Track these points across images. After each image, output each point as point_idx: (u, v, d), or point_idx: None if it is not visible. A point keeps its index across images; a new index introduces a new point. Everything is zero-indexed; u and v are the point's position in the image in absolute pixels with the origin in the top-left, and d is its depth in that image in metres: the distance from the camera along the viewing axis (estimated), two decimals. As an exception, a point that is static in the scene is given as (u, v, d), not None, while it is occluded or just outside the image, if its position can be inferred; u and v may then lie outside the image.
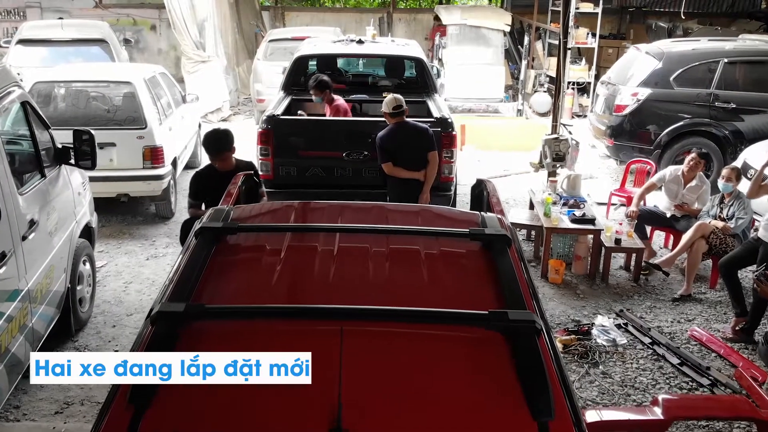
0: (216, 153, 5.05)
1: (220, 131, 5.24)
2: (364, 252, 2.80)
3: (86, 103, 7.31)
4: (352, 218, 3.11)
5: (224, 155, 5.02)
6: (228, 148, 5.05)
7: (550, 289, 6.35)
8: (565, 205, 6.80)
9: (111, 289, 6.22)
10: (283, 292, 2.56)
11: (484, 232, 2.80)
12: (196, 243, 2.76)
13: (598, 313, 5.90)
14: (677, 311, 6.04)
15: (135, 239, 7.24)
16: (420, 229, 2.85)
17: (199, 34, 12.48)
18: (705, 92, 8.66)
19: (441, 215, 3.25)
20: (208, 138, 5.13)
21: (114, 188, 7.25)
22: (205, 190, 5.09)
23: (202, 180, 5.16)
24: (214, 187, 5.02)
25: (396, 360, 2.19)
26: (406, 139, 5.99)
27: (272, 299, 2.45)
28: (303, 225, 2.89)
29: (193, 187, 5.20)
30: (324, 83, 6.95)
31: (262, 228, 2.87)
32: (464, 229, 2.82)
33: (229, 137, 5.13)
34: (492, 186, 4.57)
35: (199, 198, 5.16)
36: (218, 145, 5.05)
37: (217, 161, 5.05)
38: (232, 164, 5.08)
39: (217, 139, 5.11)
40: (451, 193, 6.50)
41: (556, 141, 7.13)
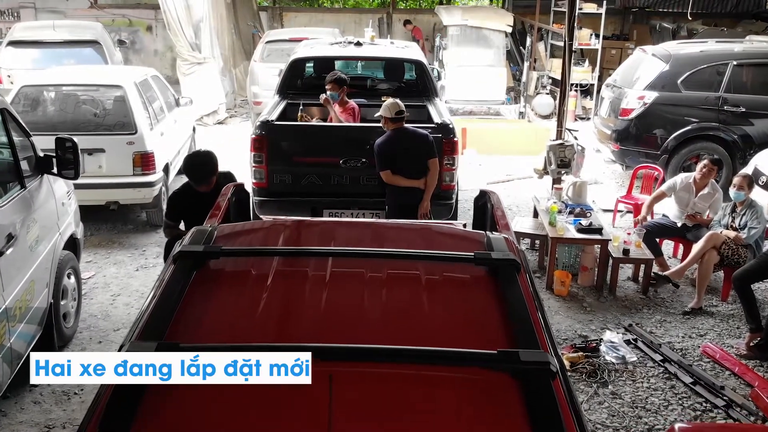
0: (199, 181, 4.76)
1: (202, 155, 4.91)
2: (359, 278, 2.56)
3: (75, 107, 7.06)
4: (347, 238, 2.86)
5: (209, 181, 4.74)
6: (212, 174, 4.76)
7: (556, 301, 6.10)
8: (571, 213, 6.55)
9: (98, 302, 5.97)
10: (269, 327, 2.31)
11: (490, 257, 2.56)
12: (173, 269, 2.52)
13: (606, 328, 5.66)
14: (688, 325, 5.79)
15: (125, 248, 6.99)
16: (420, 254, 2.60)
17: (195, 35, 12.22)
18: (713, 96, 8.41)
19: (443, 234, 3.00)
20: (191, 164, 4.81)
21: (103, 196, 7.01)
22: (183, 211, 4.84)
23: (180, 200, 4.88)
24: (193, 208, 4.76)
25: (393, 407, 1.95)
26: (405, 146, 5.75)
27: (256, 335, 2.21)
28: (292, 249, 2.64)
29: (171, 208, 4.92)
30: (342, 79, 6.69)
31: (246, 252, 2.62)
32: (468, 253, 2.57)
33: (213, 162, 4.84)
34: (496, 198, 4.34)
35: (177, 219, 4.91)
36: (203, 172, 4.76)
37: (201, 187, 4.76)
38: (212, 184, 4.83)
39: (202, 165, 4.79)
40: (452, 201, 6.26)
41: (561, 147, 6.88)
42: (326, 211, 6.18)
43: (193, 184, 4.80)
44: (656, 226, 6.49)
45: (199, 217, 4.71)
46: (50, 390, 4.75)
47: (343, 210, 6.18)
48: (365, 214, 6.20)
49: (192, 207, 4.77)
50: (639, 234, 6.34)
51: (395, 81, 8.13)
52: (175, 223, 4.90)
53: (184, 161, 4.89)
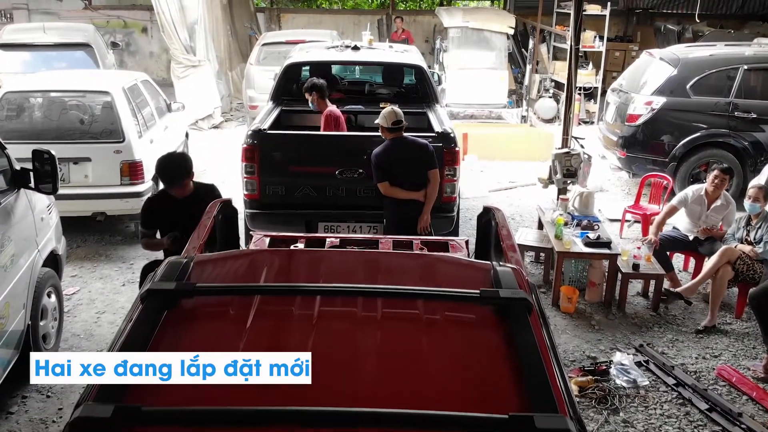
0: (171, 181, 4.47)
1: (175, 156, 4.68)
2: (351, 319, 2.28)
3: (60, 114, 6.78)
4: (337, 270, 2.58)
5: (182, 183, 4.45)
6: (185, 176, 4.46)
7: (562, 319, 5.81)
8: (578, 225, 6.27)
9: (81, 321, 5.69)
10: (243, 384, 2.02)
11: (498, 295, 2.27)
12: (141, 310, 2.24)
13: (615, 348, 5.37)
14: (702, 345, 5.51)
15: (112, 262, 6.70)
16: (418, 292, 2.32)
17: (190, 37, 11.93)
18: (723, 101, 8.12)
19: (444, 264, 2.71)
20: (162, 164, 4.51)
21: (89, 206, 6.73)
22: (159, 220, 4.56)
23: (155, 208, 4.61)
24: (169, 216, 4.51)
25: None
26: (404, 157, 5.47)
27: (231, 393, 1.92)
28: (275, 286, 2.35)
29: (145, 216, 4.63)
30: (314, 85, 6.40)
31: (224, 290, 2.33)
32: (473, 291, 2.28)
33: (187, 163, 4.56)
34: (501, 215, 4.05)
35: (152, 227, 4.62)
36: (173, 172, 4.45)
37: (173, 190, 4.48)
38: (189, 189, 4.54)
39: (172, 165, 4.49)
40: (453, 214, 5.97)
41: (567, 155, 6.59)
42: (321, 224, 5.90)
43: (166, 186, 4.53)
44: (667, 240, 6.20)
45: (176, 225, 4.45)
46: (27, 418, 4.49)
47: (339, 223, 5.90)
48: (362, 228, 5.92)
49: (168, 215, 4.50)
50: (649, 247, 6.05)
51: (394, 86, 7.85)
52: (151, 232, 4.62)
53: (156, 162, 4.61)
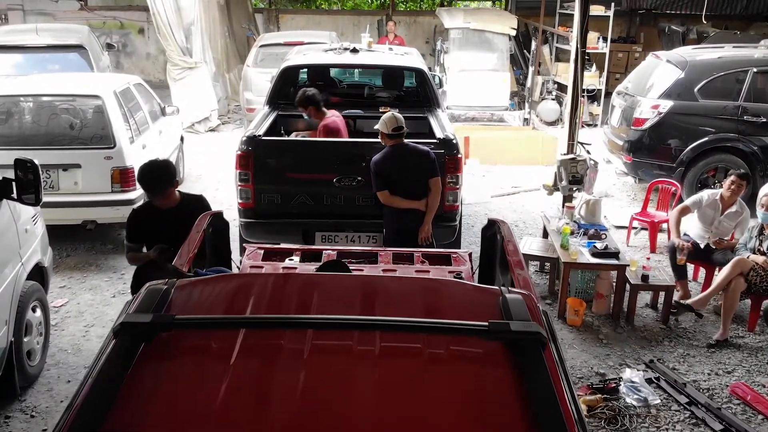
0: (153, 190, 4.26)
1: (157, 164, 4.43)
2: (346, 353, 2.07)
3: (49, 119, 6.56)
4: (332, 296, 2.36)
5: (164, 192, 4.24)
6: (168, 184, 4.25)
7: (569, 332, 5.60)
8: (585, 234, 6.05)
9: (69, 334, 5.47)
10: (227, 428, 1.81)
11: (508, 328, 2.05)
12: (113, 347, 2.02)
13: (625, 364, 5.16)
14: (714, 360, 5.29)
15: (102, 272, 6.48)
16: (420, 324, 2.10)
17: (186, 38, 11.71)
18: (732, 105, 7.90)
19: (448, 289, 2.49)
20: (143, 173, 4.30)
21: (79, 215, 6.52)
22: (145, 232, 4.35)
23: (140, 220, 4.39)
24: (156, 228, 4.30)
25: None
26: (404, 164, 5.26)
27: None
28: (262, 319, 2.13)
29: (130, 229, 4.42)
30: (308, 99, 6.17)
31: (205, 323, 2.12)
32: (481, 324, 2.06)
33: (170, 170, 4.34)
34: (507, 229, 3.84)
35: (139, 241, 4.41)
36: (155, 180, 4.23)
37: (156, 199, 4.27)
38: (175, 200, 4.33)
39: (154, 173, 4.27)
40: (455, 223, 5.75)
41: (573, 162, 6.37)
42: (319, 233, 5.69)
43: (148, 195, 4.33)
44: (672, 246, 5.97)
45: (163, 237, 4.23)
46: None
47: (336, 233, 5.69)
48: (361, 238, 5.71)
49: (154, 227, 4.29)
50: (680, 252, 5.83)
51: (394, 90, 7.63)
52: (137, 245, 4.41)
53: (138, 170, 4.40)
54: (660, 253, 7.11)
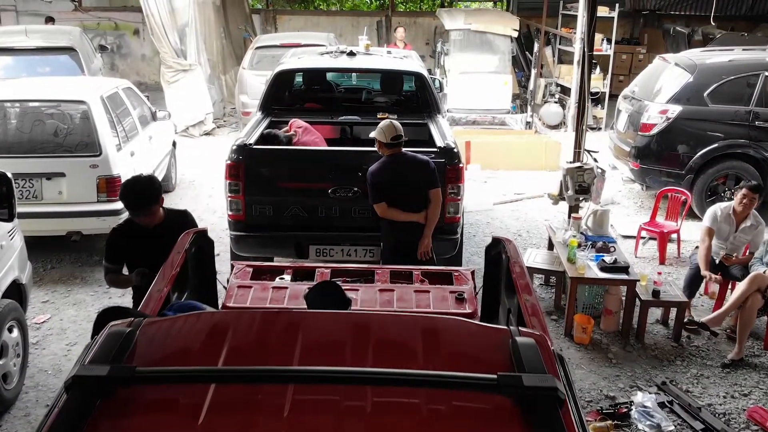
0: (137, 209, 3.93)
1: (140, 180, 4.07)
2: (333, 410, 1.80)
3: (32, 126, 6.27)
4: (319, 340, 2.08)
5: (149, 211, 3.92)
6: (153, 202, 3.93)
7: (577, 351, 5.32)
8: (593, 247, 5.77)
9: (50, 353, 5.20)
10: None
11: (520, 383, 1.77)
12: (64, 405, 1.75)
13: (636, 386, 4.88)
14: (729, 381, 5.01)
15: (87, 285, 6.20)
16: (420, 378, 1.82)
17: (180, 40, 11.43)
18: (743, 110, 7.62)
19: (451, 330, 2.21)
20: (126, 190, 3.98)
21: (63, 225, 6.25)
22: (126, 253, 4.04)
23: (121, 239, 4.06)
24: (137, 248, 4.00)
25: None
26: (403, 175, 4.98)
27: None
28: (235, 371, 1.85)
29: (110, 249, 4.09)
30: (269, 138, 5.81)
31: (170, 376, 1.84)
32: (489, 377, 1.78)
33: (154, 187, 4.01)
34: (513, 248, 3.57)
35: (118, 261, 4.10)
36: (139, 199, 3.91)
37: (140, 218, 3.96)
38: (159, 217, 4.00)
39: (138, 191, 3.95)
40: (457, 236, 5.48)
41: (580, 170, 6.08)
42: (313, 247, 5.41)
43: (131, 214, 3.99)
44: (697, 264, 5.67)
45: (145, 258, 3.94)
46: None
47: (332, 246, 5.41)
48: (357, 251, 5.43)
49: (135, 247, 3.97)
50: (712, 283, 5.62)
51: (393, 95, 7.35)
52: (117, 266, 4.11)
53: (120, 187, 4.08)
54: (670, 264, 6.84)
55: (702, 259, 5.57)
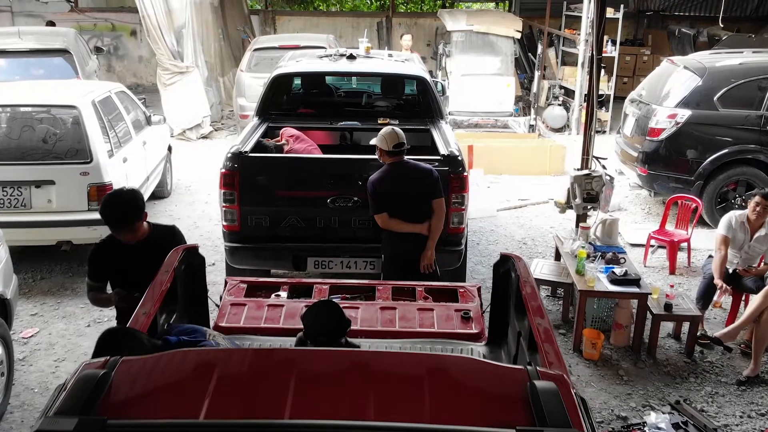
0: (118, 227, 3.66)
1: (122, 196, 3.79)
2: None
3: (20, 132, 6.06)
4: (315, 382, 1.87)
5: (131, 228, 3.67)
6: (136, 218, 3.65)
7: (586, 368, 5.10)
8: (602, 258, 5.55)
9: (38, 370, 4.98)
10: None
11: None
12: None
13: (648, 406, 4.67)
14: (745, 400, 4.80)
15: (78, 297, 5.99)
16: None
17: (177, 42, 11.22)
18: (754, 114, 7.40)
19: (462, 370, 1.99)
20: (106, 206, 3.67)
21: (53, 235, 6.03)
22: (109, 269, 3.81)
23: (104, 256, 3.81)
24: (121, 265, 3.74)
25: None
26: (405, 184, 4.77)
27: None
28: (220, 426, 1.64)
29: (92, 266, 3.84)
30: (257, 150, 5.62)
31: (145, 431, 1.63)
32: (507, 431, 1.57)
33: (137, 203, 3.72)
34: (523, 266, 3.35)
35: (101, 278, 3.86)
36: (121, 216, 3.64)
37: (122, 235, 3.69)
38: (144, 233, 3.74)
39: (118, 207, 3.66)
40: (461, 248, 5.27)
41: (588, 178, 5.87)
42: (311, 259, 5.21)
43: (111, 230, 3.70)
44: (711, 274, 5.46)
45: (128, 276, 3.71)
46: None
47: (331, 258, 5.20)
48: (357, 263, 5.22)
49: (119, 263, 3.73)
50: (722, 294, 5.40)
51: (394, 99, 7.14)
52: (100, 284, 3.87)
53: (100, 203, 3.82)
54: (680, 274, 6.63)
55: (717, 268, 5.35)
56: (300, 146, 5.79)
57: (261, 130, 5.92)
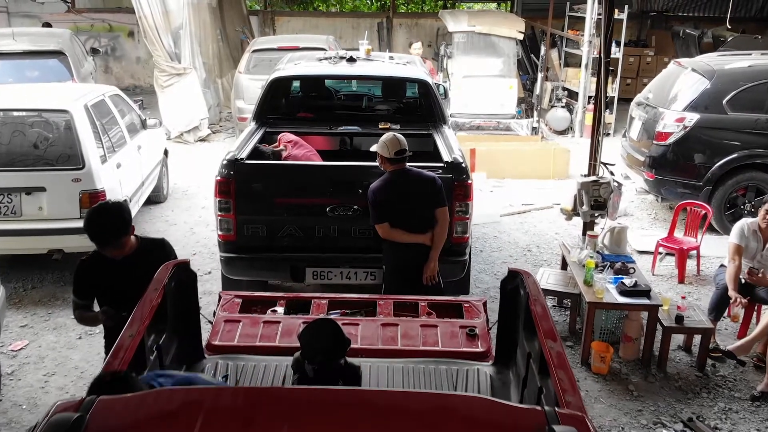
0: (103, 242, 3.48)
1: (108, 209, 3.61)
2: None
3: (11, 137, 5.89)
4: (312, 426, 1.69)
5: (118, 243, 3.49)
6: (122, 233, 3.47)
7: (594, 382, 4.92)
8: (610, 268, 5.37)
9: (26, 385, 4.81)
10: None
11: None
12: None
13: (660, 423, 4.49)
14: (760, 417, 4.62)
15: (69, 308, 5.62)
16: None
17: (174, 43, 11.04)
18: (764, 118, 7.23)
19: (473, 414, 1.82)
20: (91, 221, 3.48)
21: (44, 243, 5.86)
22: (95, 286, 3.62)
23: (90, 272, 3.62)
24: (108, 281, 3.56)
25: None
26: (407, 193, 4.60)
27: None
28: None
29: (78, 282, 3.66)
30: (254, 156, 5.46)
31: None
32: None
33: (123, 217, 3.54)
34: (533, 283, 3.18)
35: (87, 296, 3.67)
36: (106, 231, 3.45)
37: (108, 251, 3.51)
38: (131, 247, 3.56)
39: (103, 222, 3.47)
40: (465, 258, 5.09)
41: (595, 184, 5.69)
42: (309, 269, 5.03)
43: (97, 246, 3.51)
44: (724, 285, 5.28)
45: (116, 293, 3.54)
46: None
47: (330, 269, 5.03)
48: (357, 274, 5.05)
49: (105, 280, 3.55)
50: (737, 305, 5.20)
51: (395, 103, 6.96)
52: (86, 302, 3.69)
53: (84, 217, 3.62)
54: (689, 283, 6.45)
55: (731, 279, 5.17)
56: (298, 152, 5.62)
57: (258, 136, 5.75)
